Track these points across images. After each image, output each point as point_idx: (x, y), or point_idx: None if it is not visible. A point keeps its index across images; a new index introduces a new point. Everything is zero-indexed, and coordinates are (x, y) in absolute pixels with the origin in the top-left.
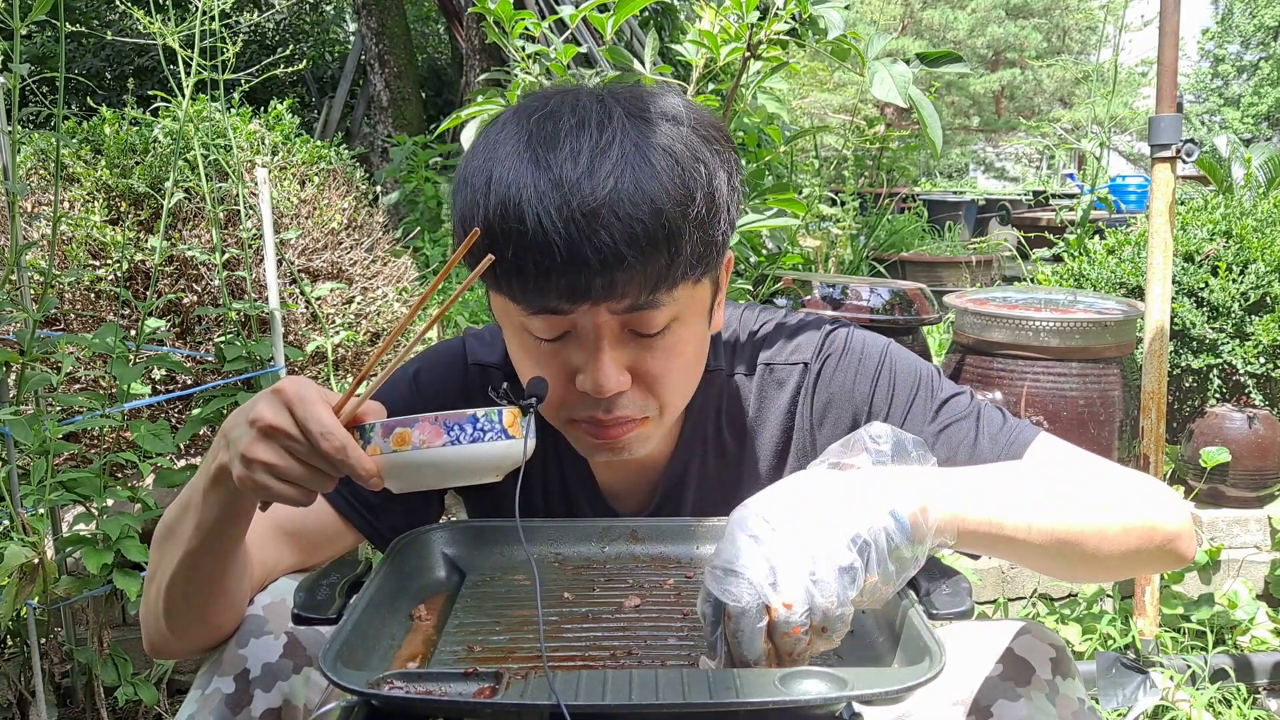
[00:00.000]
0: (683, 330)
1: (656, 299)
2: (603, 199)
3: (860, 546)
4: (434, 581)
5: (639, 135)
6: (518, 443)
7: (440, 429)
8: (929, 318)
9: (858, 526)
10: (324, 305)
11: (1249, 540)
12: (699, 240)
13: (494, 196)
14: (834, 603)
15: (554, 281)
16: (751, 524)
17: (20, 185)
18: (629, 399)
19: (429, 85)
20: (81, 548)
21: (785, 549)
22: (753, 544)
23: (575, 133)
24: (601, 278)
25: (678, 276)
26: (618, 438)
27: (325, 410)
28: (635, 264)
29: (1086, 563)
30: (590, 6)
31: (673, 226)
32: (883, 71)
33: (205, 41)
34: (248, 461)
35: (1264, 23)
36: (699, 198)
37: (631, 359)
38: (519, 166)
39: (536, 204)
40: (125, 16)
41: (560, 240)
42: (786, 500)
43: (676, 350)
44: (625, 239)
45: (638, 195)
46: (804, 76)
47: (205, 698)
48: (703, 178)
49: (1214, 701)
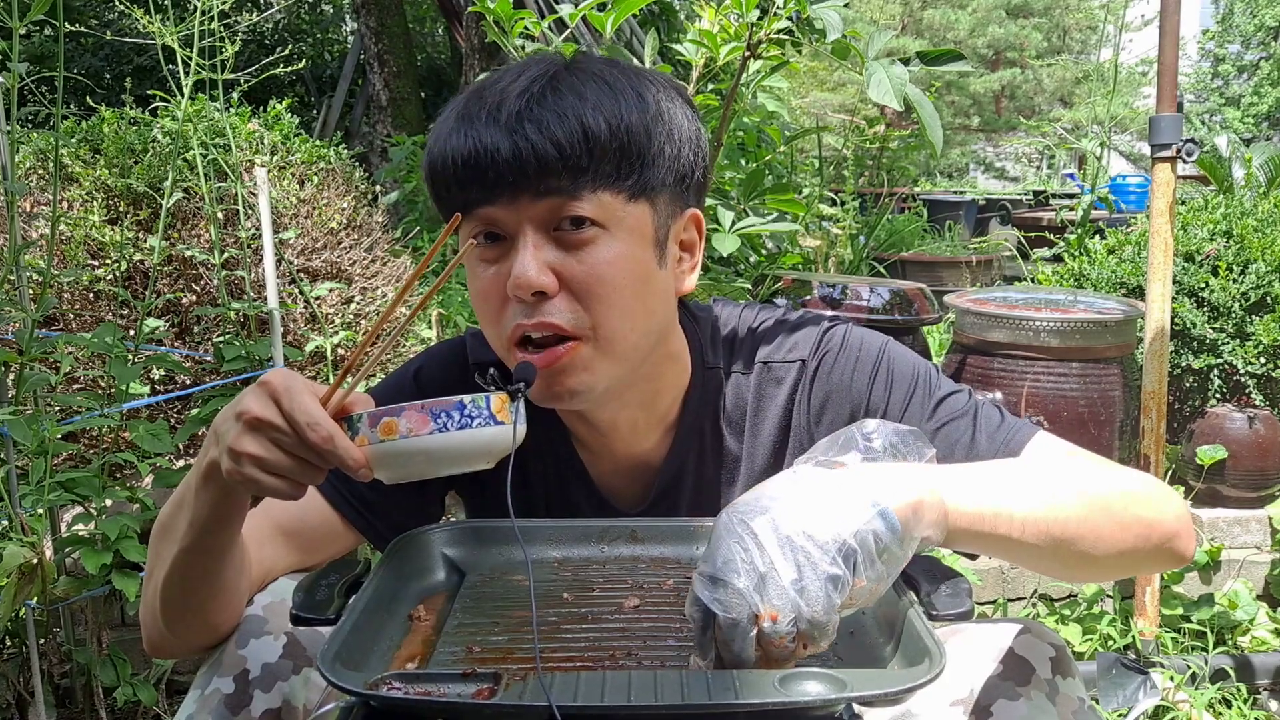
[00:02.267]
0: (611, 244)
1: (575, 191)
2: (514, 98)
3: (847, 552)
4: (433, 582)
5: (567, 66)
6: (507, 429)
7: (427, 416)
8: (929, 318)
9: (844, 531)
10: (323, 305)
11: (1249, 540)
12: (622, 148)
13: (431, 141)
14: (820, 611)
15: (472, 177)
16: (738, 528)
17: (19, 185)
18: (556, 306)
19: (428, 85)
20: (80, 548)
21: (771, 556)
22: (739, 551)
23: (508, 75)
24: (513, 169)
25: (598, 180)
26: (550, 363)
27: (312, 401)
28: (547, 151)
29: (1083, 561)
30: (589, 6)
31: (588, 126)
32: (880, 73)
33: (204, 41)
34: (235, 455)
35: (1264, 23)
36: (623, 109)
37: (557, 263)
38: (453, 111)
39: (462, 127)
40: (124, 16)
41: (477, 142)
42: (773, 503)
43: (603, 260)
44: (538, 130)
45: (552, 97)
46: (804, 76)
47: (204, 698)
48: (630, 98)
49: (1214, 702)
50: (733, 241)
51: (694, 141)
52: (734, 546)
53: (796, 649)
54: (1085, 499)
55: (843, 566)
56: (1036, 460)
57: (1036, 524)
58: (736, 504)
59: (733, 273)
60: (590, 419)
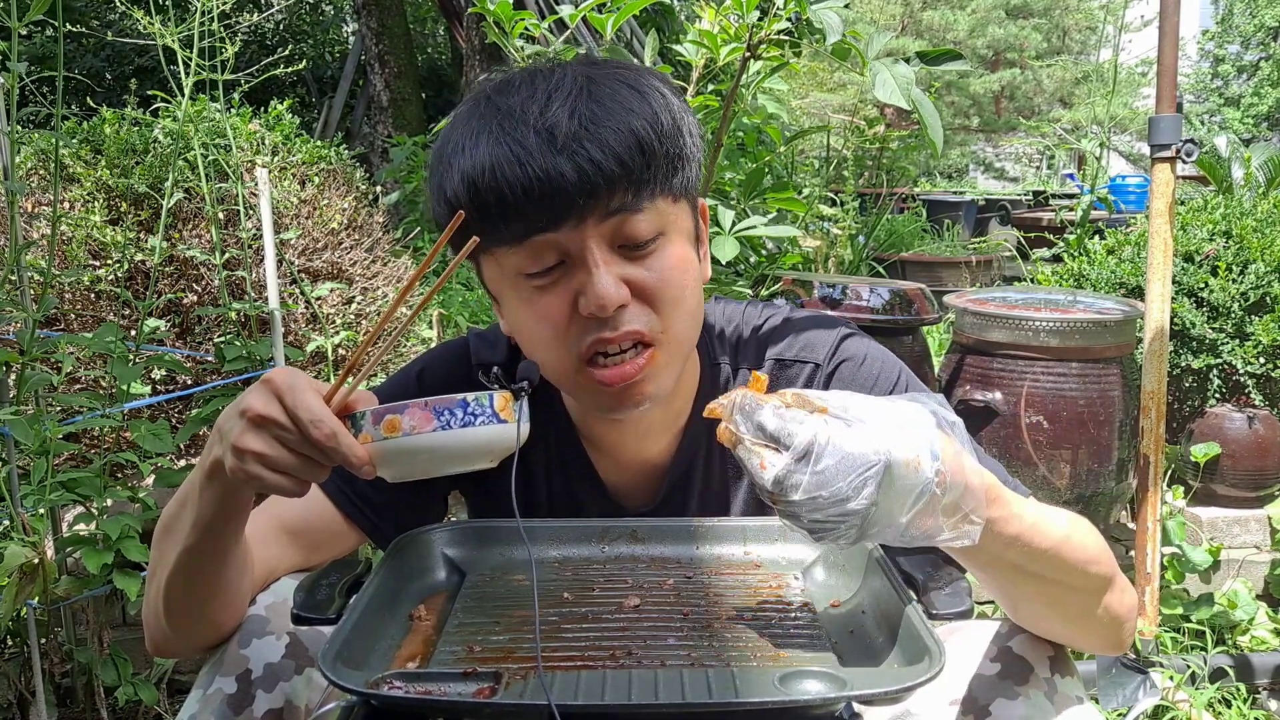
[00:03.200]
0: (671, 248)
1: (638, 204)
2: (565, 118)
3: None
4: (434, 581)
5: (589, 72)
6: (510, 427)
7: (430, 414)
8: (929, 318)
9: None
10: (324, 305)
11: (1249, 540)
12: (668, 153)
13: (465, 156)
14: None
15: (538, 207)
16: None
17: (20, 185)
18: (633, 314)
19: (429, 85)
20: (81, 548)
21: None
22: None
23: (528, 82)
24: (579, 189)
25: (655, 185)
26: (633, 375)
27: (315, 398)
28: (612, 170)
29: (1053, 602)
30: (590, 6)
31: (641, 136)
32: (885, 73)
33: (205, 42)
34: (239, 452)
35: (1264, 23)
36: (659, 113)
37: (627, 274)
38: (480, 124)
39: (498, 148)
40: (125, 16)
41: (536, 167)
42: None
43: (669, 265)
44: (597, 147)
45: (599, 110)
46: (804, 76)
47: (207, 698)
48: (658, 95)
49: (1214, 701)
50: (732, 247)
51: (699, 133)
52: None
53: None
54: (1084, 549)
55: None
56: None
57: (1050, 547)
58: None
59: (733, 273)
60: (613, 420)
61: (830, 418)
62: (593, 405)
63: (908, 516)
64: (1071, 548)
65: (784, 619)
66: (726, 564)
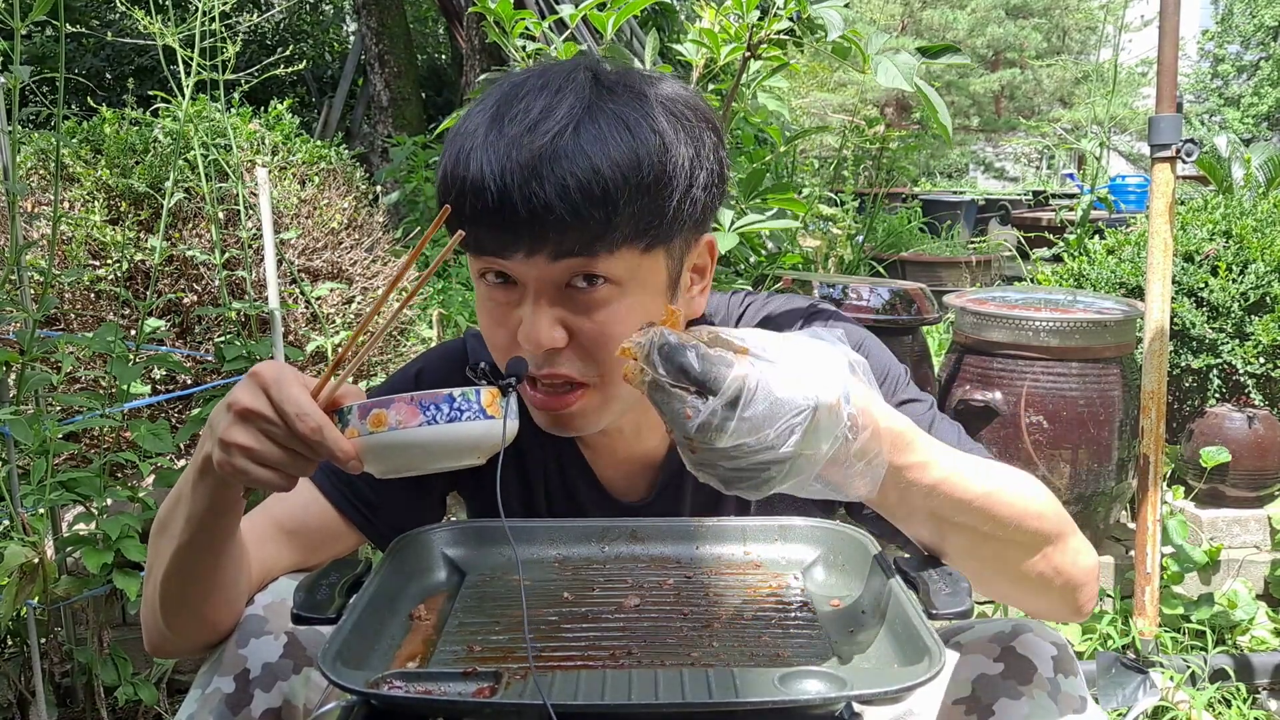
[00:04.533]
0: (623, 301)
1: (592, 260)
2: (539, 153)
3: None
4: (434, 581)
5: (594, 99)
6: (497, 423)
7: (416, 409)
8: (929, 317)
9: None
10: (324, 305)
11: (1249, 540)
12: (642, 208)
13: (453, 151)
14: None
15: (491, 231)
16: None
17: (20, 185)
18: (566, 358)
19: (429, 85)
20: (81, 547)
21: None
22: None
23: (534, 94)
24: (530, 230)
25: (616, 240)
26: (559, 409)
27: (302, 392)
28: (566, 218)
29: (993, 565)
30: (590, 6)
31: (609, 188)
32: (887, 62)
33: (205, 42)
34: (226, 446)
35: (1264, 23)
36: (644, 165)
37: (568, 318)
38: (479, 125)
39: (481, 155)
40: (125, 16)
41: (495, 189)
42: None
43: (617, 319)
44: (557, 192)
45: (575, 152)
46: (804, 76)
47: (205, 697)
48: (654, 148)
49: (1214, 701)
50: (731, 239)
51: (715, 170)
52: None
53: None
54: (1023, 501)
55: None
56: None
57: (967, 492)
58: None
59: (733, 273)
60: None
61: (754, 359)
62: (528, 404)
63: (819, 466)
64: (1002, 500)
65: (784, 619)
66: (726, 564)
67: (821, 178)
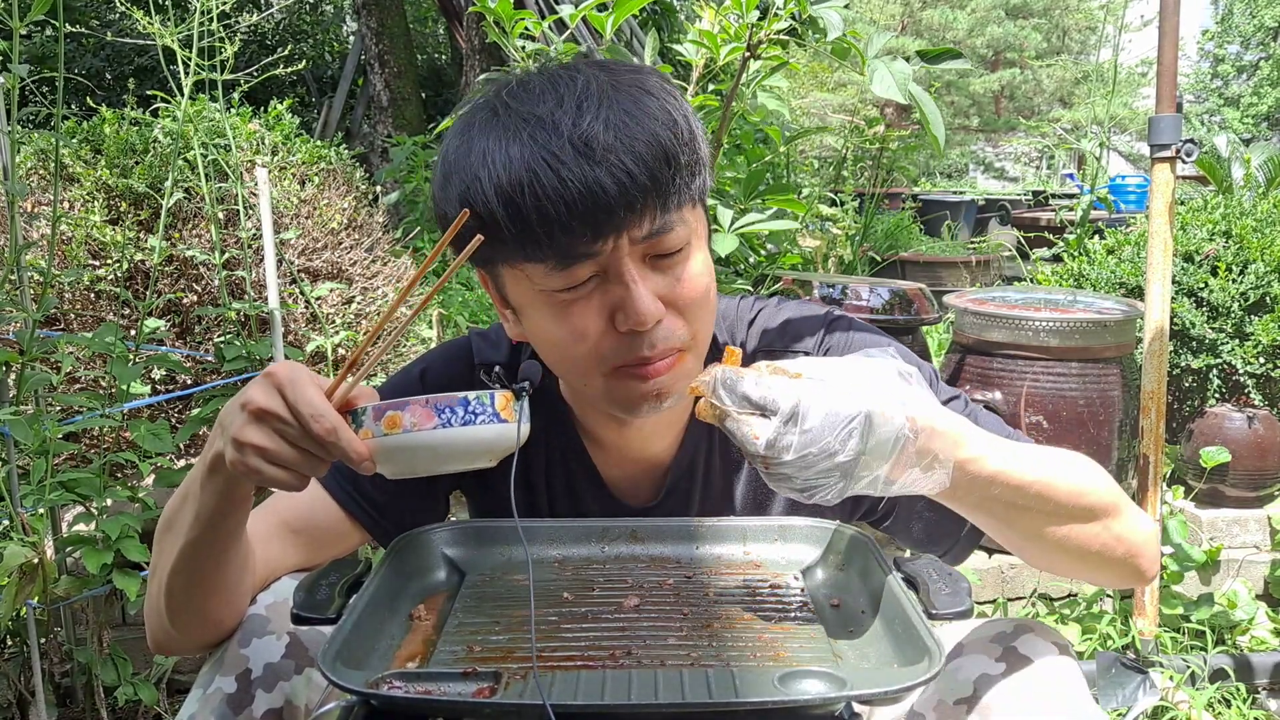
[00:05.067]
0: (696, 256)
1: (670, 220)
2: (601, 129)
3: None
4: (433, 581)
5: (607, 77)
6: (510, 427)
7: (431, 412)
8: (929, 318)
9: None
10: (324, 305)
11: (1249, 540)
12: (689, 161)
13: (496, 166)
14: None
15: (576, 222)
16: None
17: (20, 185)
18: (667, 329)
19: (429, 85)
20: (81, 547)
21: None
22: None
23: (550, 86)
24: (619, 202)
25: (684, 195)
26: (664, 373)
27: (316, 393)
28: (649, 184)
29: (1056, 537)
30: (590, 6)
31: (669, 146)
32: (883, 69)
33: (204, 41)
34: (239, 445)
35: (1264, 23)
36: (679, 120)
37: (659, 288)
38: (507, 133)
39: (540, 153)
40: (125, 16)
41: (575, 179)
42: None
43: (696, 273)
44: (634, 161)
45: (630, 122)
46: (804, 76)
47: (207, 697)
48: (675, 102)
49: (1213, 701)
50: (730, 242)
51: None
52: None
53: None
54: (1077, 479)
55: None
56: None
57: (1031, 482)
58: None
59: (732, 273)
60: (620, 420)
61: (807, 379)
62: (613, 406)
63: (886, 466)
64: (1057, 480)
65: (784, 619)
66: (726, 564)
67: (821, 178)
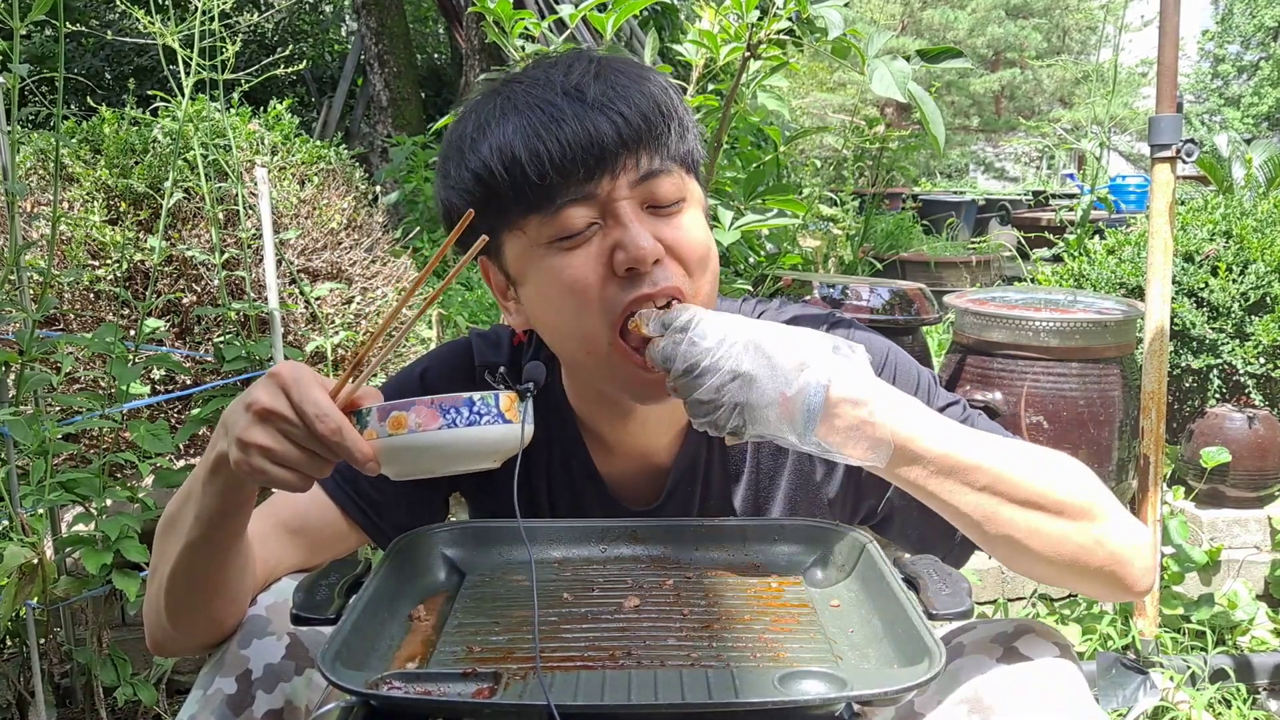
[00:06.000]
0: (694, 215)
1: (665, 165)
2: (593, 83)
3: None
4: (433, 582)
5: (598, 55)
6: (515, 427)
7: (436, 412)
8: (929, 318)
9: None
10: (323, 305)
11: (1249, 540)
12: (680, 120)
13: (494, 130)
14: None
15: (570, 163)
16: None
17: (20, 185)
18: (667, 272)
19: (429, 85)
20: (81, 548)
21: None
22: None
23: (542, 65)
24: (615, 142)
25: (673, 148)
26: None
27: (321, 393)
28: (641, 125)
29: (1030, 534)
30: (590, 6)
31: (658, 99)
32: (883, 68)
33: (205, 41)
34: (244, 445)
35: (1264, 23)
36: (667, 86)
37: (657, 231)
38: (504, 102)
39: (536, 107)
40: (125, 16)
41: (570, 122)
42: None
43: (694, 227)
44: (627, 106)
45: (618, 78)
46: (804, 76)
47: (207, 698)
48: (665, 85)
49: (1214, 702)
50: (731, 239)
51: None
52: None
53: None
54: (1052, 477)
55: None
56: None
57: (988, 474)
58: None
59: (732, 273)
60: (623, 413)
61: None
62: (618, 386)
63: (803, 424)
64: (1021, 468)
65: (783, 619)
66: (726, 564)
67: (821, 178)
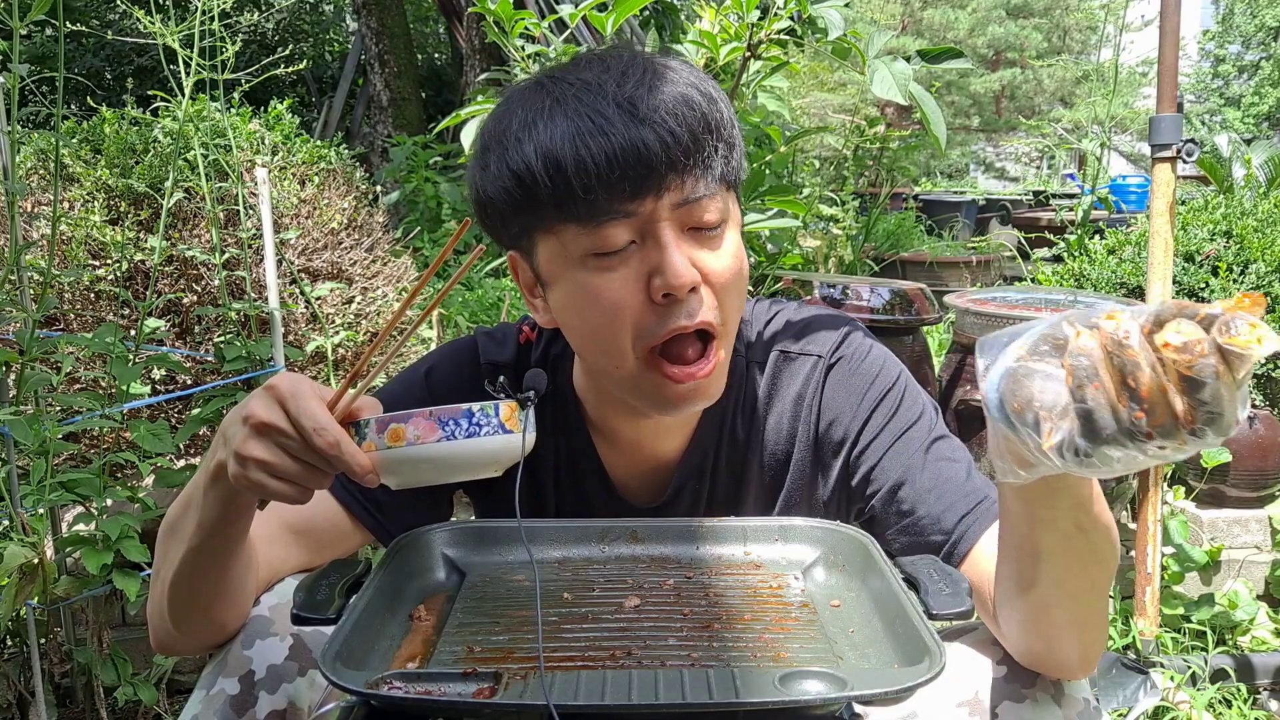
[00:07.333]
0: (732, 239)
1: (710, 188)
2: (645, 95)
3: None
4: (434, 582)
5: (649, 58)
6: (515, 438)
7: (435, 424)
8: (929, 318)
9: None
10: (324, 305)
11: (1249, 540)
12: (728, 141)
13: (540, 129)
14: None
15: (617, 178)
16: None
17: (20, 185)
18: (701, 303)
19: (429, 85)
20: (81, 548)
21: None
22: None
23: (593, 65)
24: (662, 160)
25: (720, 170)
26: (699, 377)
27: (319, 406)
28: (691, 146)
29: (1086, 577)
30: (590, 6)
31: (710, 119)
32: (883, 69)
33: (205, 41)
34: (242, 459)
35: (1264, 23)
36: (718, 99)
37: (695, 258)
38: (552, 100)
39: (584, 113)
40: (125, 16)
41: (620, 135)
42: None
43: (733, 254)
44: (678, 123)
45: (672, 90)
46: (804, 76)
47: (209, 698)
48: (714, 87)
49: (1214, 702)
50: None
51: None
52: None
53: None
54: (1100, 568)
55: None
56: None
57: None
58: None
59: None
60: (638, 414)
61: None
62: (642, 399)
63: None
64: (1109, 518)
65: (784, 619)
66: (726, 564)
67: (822, 178)
